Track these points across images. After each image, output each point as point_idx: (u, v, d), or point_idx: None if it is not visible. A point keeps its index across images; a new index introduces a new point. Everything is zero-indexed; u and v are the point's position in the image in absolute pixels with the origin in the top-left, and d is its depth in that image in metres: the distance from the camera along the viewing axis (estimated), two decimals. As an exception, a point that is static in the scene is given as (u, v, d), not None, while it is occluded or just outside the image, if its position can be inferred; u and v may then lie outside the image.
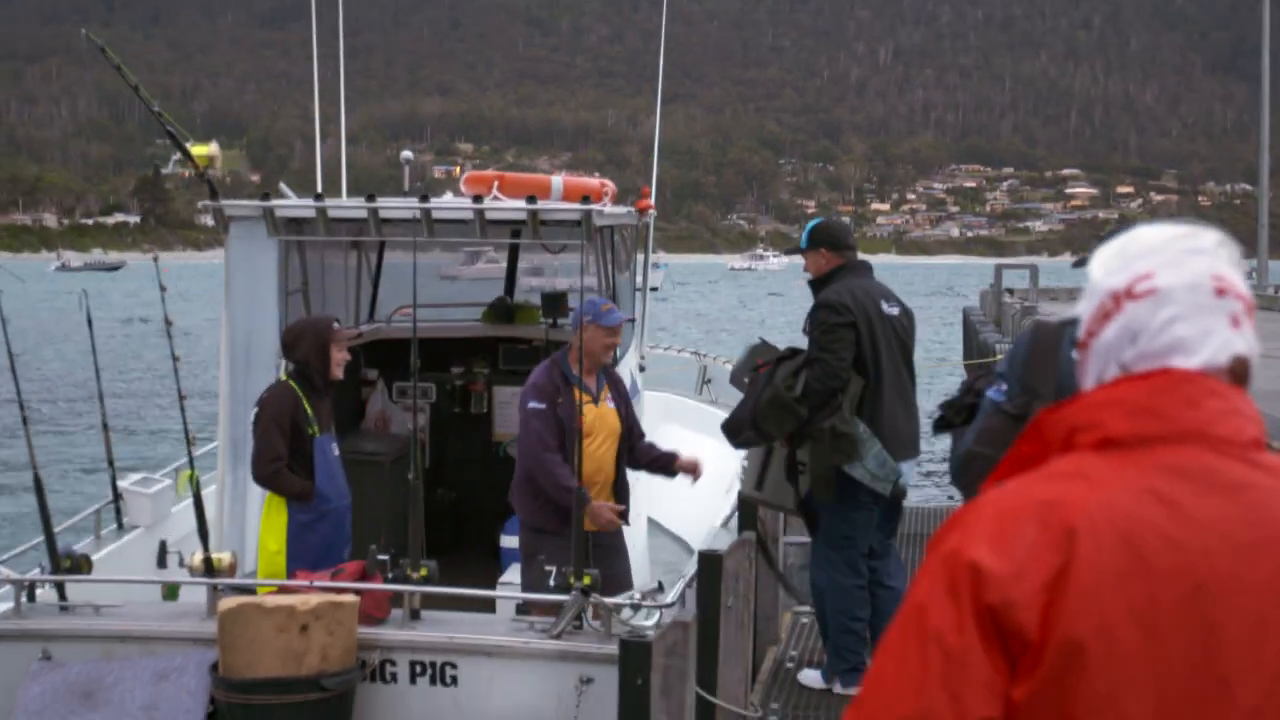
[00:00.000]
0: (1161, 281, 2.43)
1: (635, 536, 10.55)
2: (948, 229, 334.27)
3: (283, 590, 7.73)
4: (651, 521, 11.86)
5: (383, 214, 9.76)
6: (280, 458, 8.69)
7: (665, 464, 9.48)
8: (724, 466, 12.85)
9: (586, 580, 7.50)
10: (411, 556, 7.86)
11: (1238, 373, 2.43)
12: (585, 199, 9.63)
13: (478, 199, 9.76)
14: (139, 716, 7.40)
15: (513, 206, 9.76)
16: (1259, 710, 2.22)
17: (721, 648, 7.75)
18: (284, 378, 9.02)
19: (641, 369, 12.02)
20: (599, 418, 9.03)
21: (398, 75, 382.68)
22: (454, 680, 7.56)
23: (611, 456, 9.15)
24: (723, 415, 14.72)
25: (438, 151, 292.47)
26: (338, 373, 8.99)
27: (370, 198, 9.82)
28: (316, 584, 7.74)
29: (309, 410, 8.81)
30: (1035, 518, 2.28)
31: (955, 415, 5.74)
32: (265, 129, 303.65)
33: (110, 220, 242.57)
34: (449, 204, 10.14)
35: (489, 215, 9.68)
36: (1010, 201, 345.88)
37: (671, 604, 7.61)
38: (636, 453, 9.37)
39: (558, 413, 8.81)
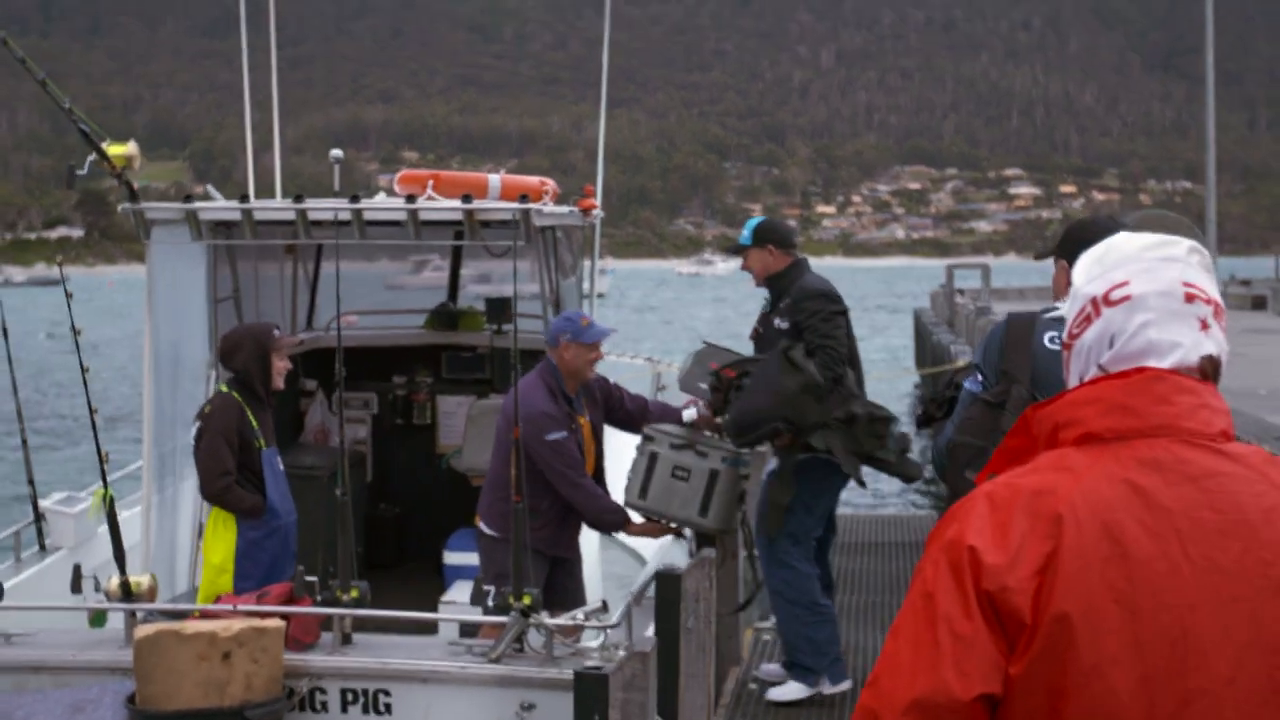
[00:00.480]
0: (1135, 289, 2.73)
1: (587, 549, 10.21)
2: (893, 231, 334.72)
3: (204, 615, 7.33)
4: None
5: (312, 215, 9.32)
6: (229, 472, 8.38)
7: (674, 416, 9.12)
8: None
9: (527, 600, 7.11)
10: (341, 577, 7.47)
11: (1207, 371, 2.72)
12: (523, 198, 9.21)
13: (411, 199, 9.35)
14: (52, 753, 6.99)
15: (447, 206, 9.35)
16: (1233, 678, 2.47)
17: (682, 672, 7.43)
18: (224, 388, 8.65)
19: None
20: (589, 437, 8.81)
21: (340, 83, 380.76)
22: (388, 709, 7.18)
23: (592, 467, 8.90)
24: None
25: (383, 160, 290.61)
26: (279, 382, 8.70)
27: (298, 198, 9.41)
28: (240, 608, 7.35)
29: (254, 422, 8.49)
30: (1025, 509, 2.57)
31: (936, 409, 6.18)
32: (209, 140, 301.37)
33: (53, 234, 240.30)
34: (380, 204, 9.72)
35: (423, 216, 9.27)
36: (955, 202, 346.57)
37: (617, 624, 7.25)
38: (645, 415, 9.07)
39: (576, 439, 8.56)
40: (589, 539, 10.62)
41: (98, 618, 8.05)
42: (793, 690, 9.27)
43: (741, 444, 8.76)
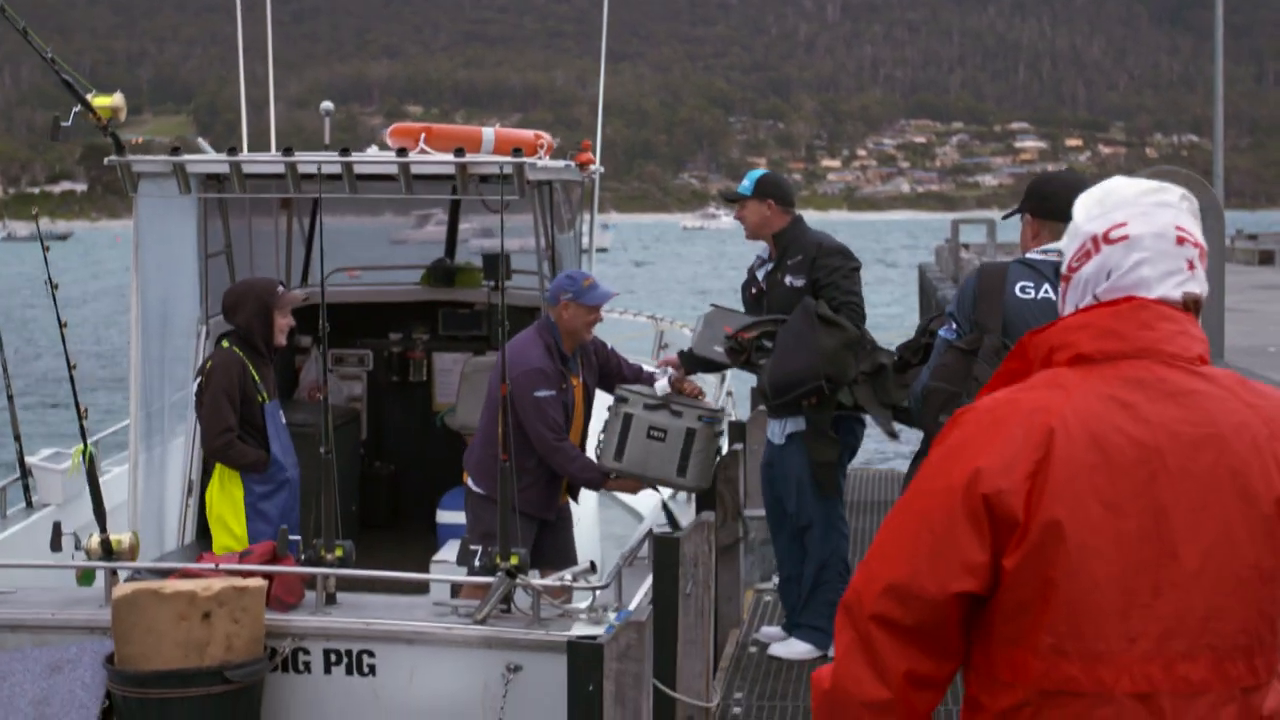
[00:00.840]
0: (1133, 230, 3.06)
1: (585, 509, 10.03)
2: (898, 184, 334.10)
3: (184, 574, 7.18)
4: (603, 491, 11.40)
5: (302, 169, 9.12)
6: (231, 429, 8.25)
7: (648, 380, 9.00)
8: None
9: (514, 560, 6.97)
10: (325, 536, 7.34)
11: (1189, 306, 3.07)
12: (516, 151, 9.01)
13: (402, 152, 9.15)
14: (29, 713, 6.86)
15: (439, 159, 9.15)
16: (1200, 570, 2.89)
17: (680, 639, 7.28)
18: (225, 344, 8.49)
19: None
20: (580, 400, 8.63)
21: (345, 39, 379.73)
22: (372, 670, 7.05)
23: (580, 430, 8.72)
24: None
25: (387, 114, 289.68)
26: (281, 339, 8.56)
27: (287, 151, 9.21)
28: (222, 566, 7.21)
29: (256, 377, 8.37)
30: (1021, 422, 2.92)
31: (912, 355, 6.73)
32: (213, 94, 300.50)
33: (57, 189, 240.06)
34: (371, 158, 9.52)
35: (414, 170, 9.05)
36: (960, 156, 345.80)
37: (605, 585, 7.10)
38: (641, 381, 8.94)
39: (563, 399, 8.37)
40: (587, 497, 10.47)
41: (85, 576, 7.89)
42: (802, 650, 9.16)
43: (779, 404, 8.61)
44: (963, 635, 2.99)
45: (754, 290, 9.21)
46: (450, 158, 9.00)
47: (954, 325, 6.03)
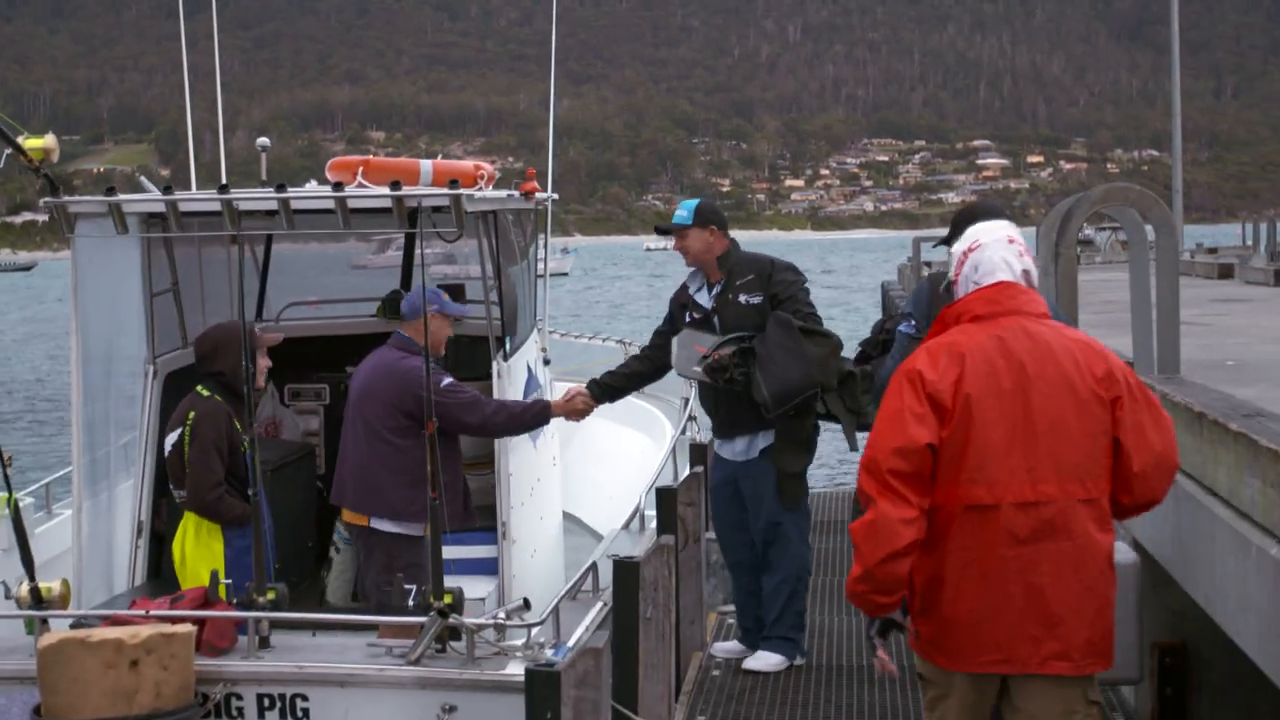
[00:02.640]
0: (985, 240, 5.51)
1: (547, 539, 9.88)
2: (862, 203, 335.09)
3: (114, 621, 6.98)
4: (568, 516, 11.24)
5: (240, 206, 8.96)
6: (221, 483, 8.11)
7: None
8: (646, 461, 12.20)
9: (448, 599, 6.84)
10: (255, 579, 7.20)
11: (1029, 280, 5.48)
12: (453, 183, 8.87)
13: (338, 187, 8.99)
14: (-44, 766, 6.65)
15: (374, 194, 8.98)
16: (1048, 430, 5.17)
17: (641, 663, 7.22)
18: (204, 392, 8.36)
19: (545, 362, 11.36)
20: None
21: (307, 64, 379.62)
22: (305, 714, 6.92)
23: None
24: (646, 406, 14.13)
25: (349, 140, 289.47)
26: (261, 380, 8.46)
27: (223, 189, 9.05)
28: (152, 613, 7.02)
29: (239, 426, 8.20)
30: (946, 351, 5.26)
31: (872, 349, 8.06)
32: (174, 122, 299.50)
33: (18, 219, 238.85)
34: (307, 193, 9.34)
35: (351, 204, 8.91)
36: (923, 174, 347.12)
37: (540, 623, 6.97)
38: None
39: None
40: (551, 524, 10.28)
41: (29, 624, 7.69)
42: (774, 661, 9.26)
43: (779, 414, 8.84)
44: (931, 478, 5.19)
45: (695, 315, 9.28)
46: (386, 191, 8.86)
47: (913, 322, 7.39)
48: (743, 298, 9.09)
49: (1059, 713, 5.24)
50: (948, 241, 6.94)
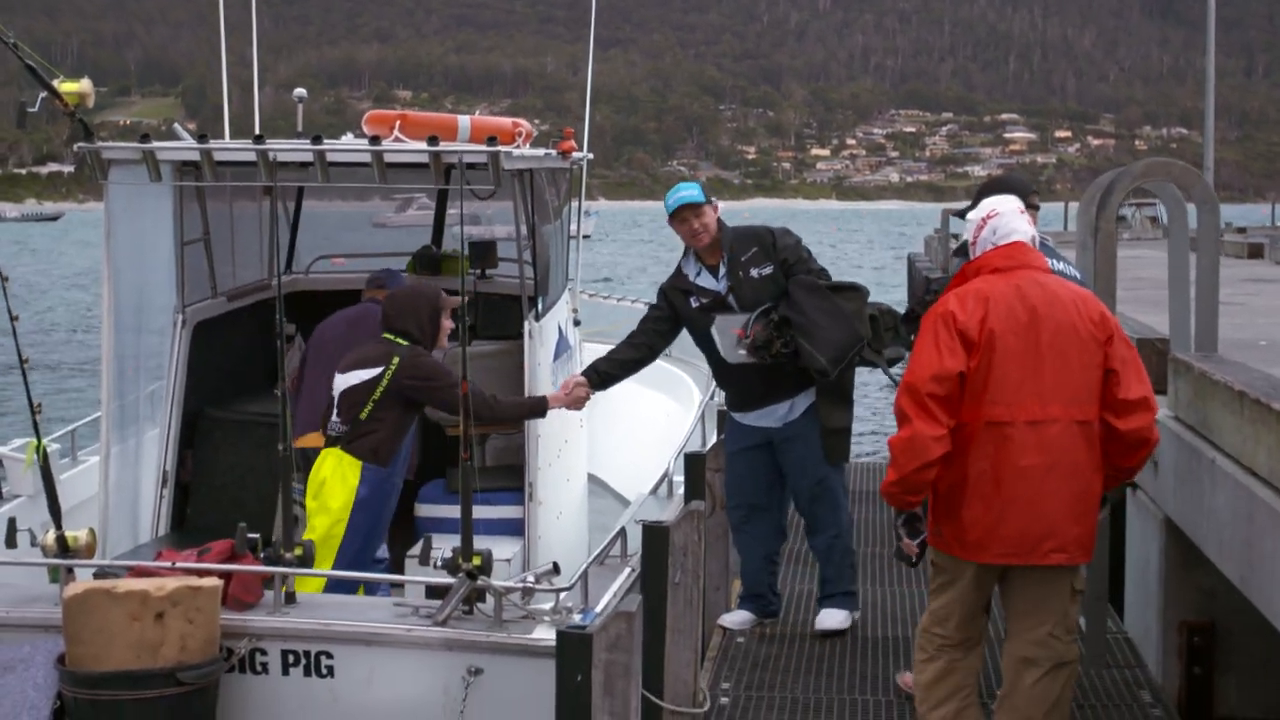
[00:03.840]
0: (1001, 209, 6.55)
1: (573, 501, 9.82)
2: (887, 174, 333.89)
3: (139, 573, 6.95)
4: (593, 479, 11.20)
5: (275, 156, 8.90)
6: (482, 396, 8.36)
7: None
8: (672, 424, 12.13)
9: (476, 561, 6.79)
10: (284, 535, 7.16)
11: (1034, 244, 6.58)
12: (491, 140, 8.79)
13: (375, 140, 8.92)
14: (-21, 713, 6.63)
15: (412, 149, 8.90)
16: (1053, 363, 6.18)
17: (669, 629, 7.17)
18: (400, 342, 8.49)
19: (576, 323, 11.29)
20: None
21: (335, 22, 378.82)
22: (330, 671, 6.87)
23: None
24: (674, 369, 14.08)
25: (376, 99, 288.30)
26: (444, 341, 8.62)
27: (259, 139, 8.99)
28: (178, 565, 6.99)
29: None
30: (973, 296, 6.27)
31: (921, 308, 7.82)
32: (201, 77, 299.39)
33: (44, 170, 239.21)
34: (343, 146, 9.26)
35: (388, 158, 8.84)
36: (949, 146, 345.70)
37: (570, 587, 6.92)
38: None
39: None
40: (577, 486, 10.23)
41: (54, 572, 7.66)
42: (842, 617, 9.33)
43: (836, 375, 8.88)
44: (958, 402, 6.17)
45: (703, 300, 9.17)
46: (423, 146, 8.78)
47: None
48: (754, 271, 9.01)
49: (1052, 594, 6.39)
50: (963, 213, 7.54)
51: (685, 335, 9.56)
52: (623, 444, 12.61)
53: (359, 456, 8.21)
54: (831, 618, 9.34)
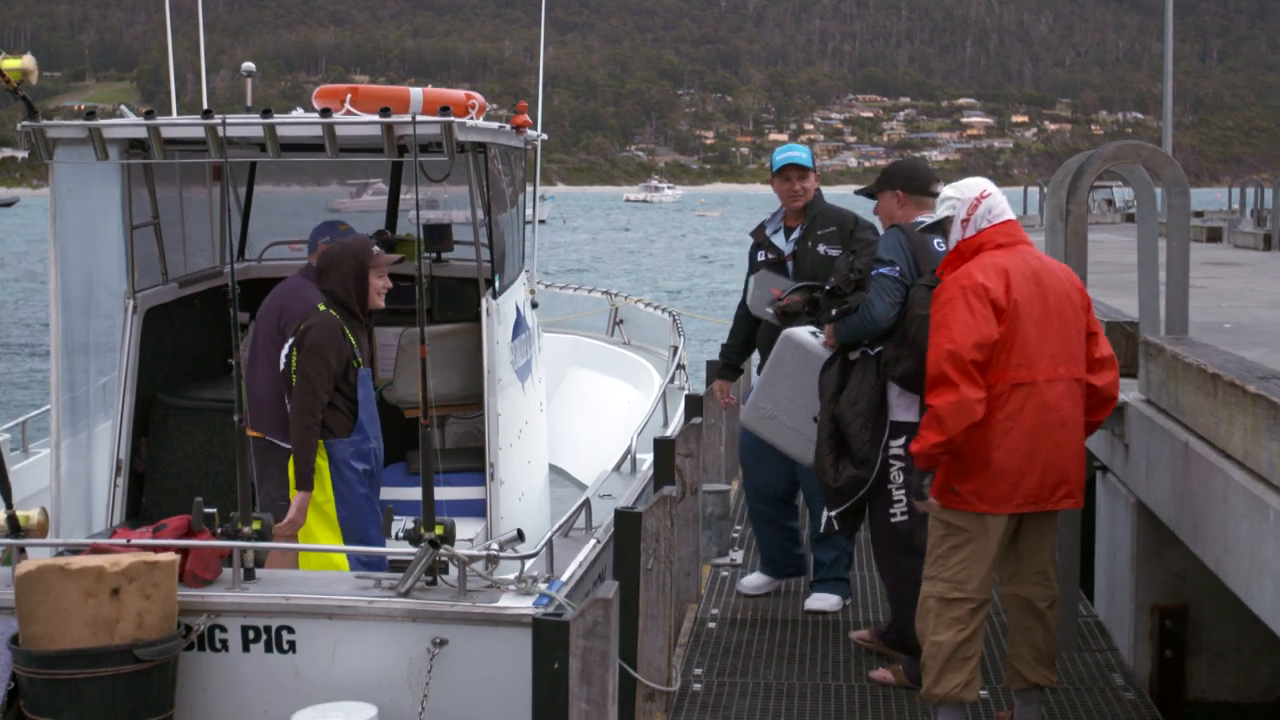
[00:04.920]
0: (990, 190, 7.07)
1: (534, 483, 9.71)
2: (845, 159, 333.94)
3: (94, 550, 6.81)
4: (554, 468, 11.08)
5: (224, 131, 8.73)
6: (323, 406, 8.04)
7: None
8: (634, 413, 12.03)
9: (439, 530, 6.71)
10: (241, 509, 7.04)
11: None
12: (444, 110, 8.64)
13: (325, 113, 8.76)
14: (-70, 696, 6.48)
15: (363, 120, 8.77)
16: (1058, 326, 6.76)
17: (641, 614, 7.08)
18: (320, 307, 8.18)
19: (534, 305, 11.15)
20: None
21: (292, 5, 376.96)
22: (292, 646, 6.76)
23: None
24: (634, 357, 13.92)
25: (333, 82, 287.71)
26: (379, 301, 8.35)
27: (207, 113, 8.80)
28: (134, 542, 6.85)
29: (352, 340, 8.11)
30: (994, 269, 6.73)
31: (847, 287, 7.97)
32: (156, 61, 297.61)
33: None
34: (292, 119, 9.10)
35: (340, 130, 8.70)
36: (907, 131, 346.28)
37: (534, 554, 6.83)
38: None
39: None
40: (538, 469, 10.12)
41: (8, 554, 7.52)
42: (833, 601, 9.35)
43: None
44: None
45: (769, 255, 9.26)
46: (375, 118, 8.64)
47: (896, 268, 7.71)
48: (822, 248, 9.09)
49: (1047, 535, 6.99)
50: (912, 188, 8.13)
51: (640, 318, 9.49)
52: (582, 432, 12.51)
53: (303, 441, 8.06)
54: (821, 600, 9.33)
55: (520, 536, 7.02)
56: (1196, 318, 9.03)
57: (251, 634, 6.79)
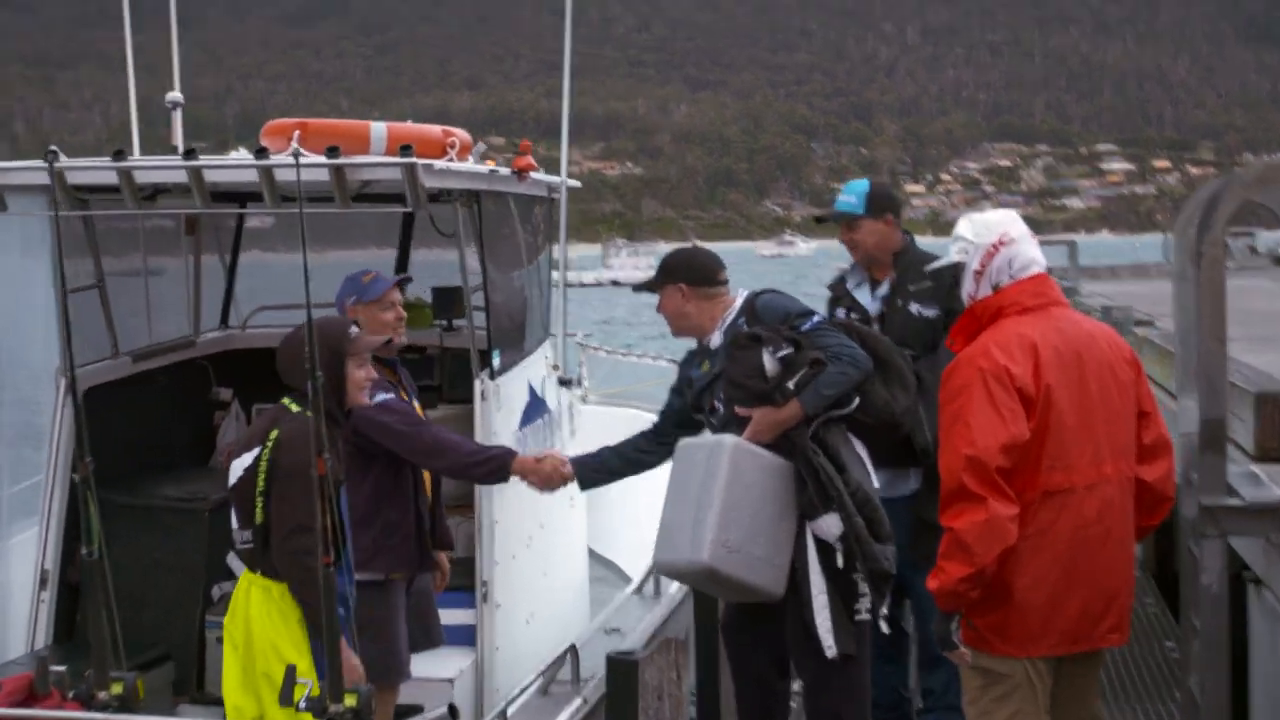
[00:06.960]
0: (1014, 234, 5.58)
1: (552, 603, 8.20)
2: (984, 209, 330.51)
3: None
4: (598, 558, 9.78)
5: (139, 178, 7.29)
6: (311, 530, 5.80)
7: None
8: None
9: (351, 701, 5.04)
10: (95, 668, 5.37)
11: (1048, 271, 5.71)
12: (405, 149, 7.09)
13: (262, 153, 7.24)
14: None
15: (310, 163, 6.87)
16: (1103, 415, 5.33)
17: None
18: (293, 407, 6.22)
19: (564, 382, 9.52)
20: (419, 411, 7.19)
21: (426, 70, 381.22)
22: None
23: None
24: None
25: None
26: (361, 397, 6.32)
27: (118, 155, 7.34)
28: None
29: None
30: (1018, 344, 5.30)
31: (791, 345, 6.66)
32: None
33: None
34: (223, 162, 7.62)
35: (279, 175, 7.13)
36: (1046, 179, 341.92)
37: None
38: None
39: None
40: (558, 582, 8.57)
41: None
42: None
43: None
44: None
45: (849, 313, 7.60)
46: (322, 160, 7.05)
47: (814, 315, 6.83)
48: (914, 307, 7.44)
49: (1094, 674, 5.62)
50: (652, 287, 7.14)
51: None
52: (646, 518, 11.11)
53: (276, 577, 6.11)
54: None
55: (452, 714, 5.54)
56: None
57: None
